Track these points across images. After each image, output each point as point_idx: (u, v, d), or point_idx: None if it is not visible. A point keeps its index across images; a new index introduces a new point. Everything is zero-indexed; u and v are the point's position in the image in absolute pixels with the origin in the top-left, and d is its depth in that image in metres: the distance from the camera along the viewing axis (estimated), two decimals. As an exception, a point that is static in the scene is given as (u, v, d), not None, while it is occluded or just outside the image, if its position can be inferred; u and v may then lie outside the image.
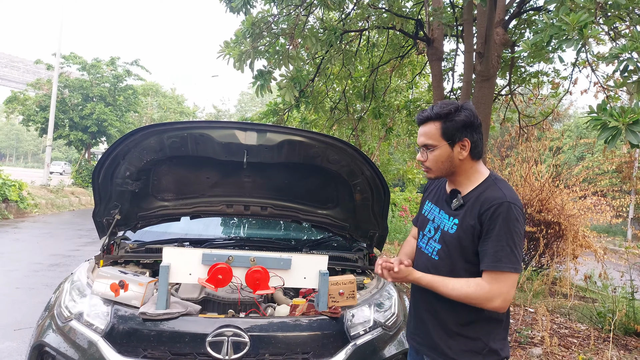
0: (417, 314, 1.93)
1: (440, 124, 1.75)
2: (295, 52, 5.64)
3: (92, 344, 2.24)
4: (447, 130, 1.74)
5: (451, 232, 1.77)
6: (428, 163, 1.81)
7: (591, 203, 7.60)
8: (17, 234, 10.47)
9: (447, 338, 1.78)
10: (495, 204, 1.67)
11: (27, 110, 22.51)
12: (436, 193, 1.96)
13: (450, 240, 1.77)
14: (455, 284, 1.70)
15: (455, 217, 1.78)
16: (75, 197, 18.87)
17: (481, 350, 1.74)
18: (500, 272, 1.64)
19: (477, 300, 1.66)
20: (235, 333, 2.25)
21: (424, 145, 1.81)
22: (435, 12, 5.48)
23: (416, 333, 1.93)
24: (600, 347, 4.63)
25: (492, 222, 1.66)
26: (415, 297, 1.96)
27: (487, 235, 1.67)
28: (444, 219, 1.83)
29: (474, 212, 1.72)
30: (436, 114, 1.76)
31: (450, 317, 1.78)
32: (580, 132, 24.09)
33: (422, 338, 1.89)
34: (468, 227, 1.72)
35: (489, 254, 1.65)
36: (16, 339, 4.20)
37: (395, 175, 14.01)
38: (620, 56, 2.75)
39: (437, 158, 1.78)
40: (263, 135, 2.84)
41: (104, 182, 2.97)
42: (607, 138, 2.47)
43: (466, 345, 1.75)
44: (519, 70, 7.64)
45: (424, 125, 1.80)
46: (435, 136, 1.76)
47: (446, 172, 1.81)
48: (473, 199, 1.75)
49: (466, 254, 1.73)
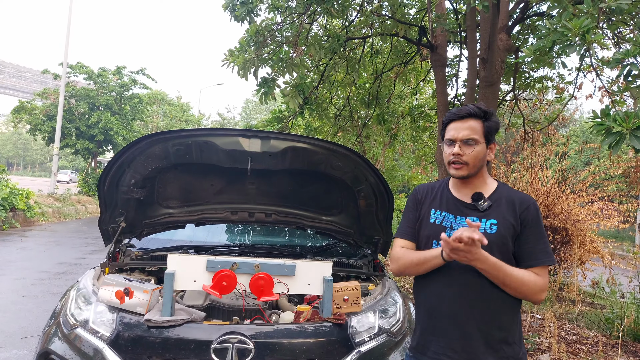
0: (447, 330, 1.75)
1: (482, 122, 1.78)
2: (299, 60, 5.67)
3: (97, 352, 2.24)
4: (489, 130, 1.79)
5: (491, 232, 1.73)
6: (466, 158, 1.76)
7: (598, 208, 7.54)
8: (24, 243, 10.53)
9: (488, 348, 1.69)
10: (532, 203, 1.75)
11: (35, 120, 22.71)
12: (441, 201, 1.87)
13: (492, 239, 1.68)
14: (519, 271, 1.70)
15: (489, 217, 1.75)
16: (82, 205, 18.98)
17: (517, 354, 1.74)
18: (546, 266, 1.72)
19: (532, 291, 1.69)
20: (239, 340, 2.25)
21: (467, 140, 1.76)
22: (439, 18, 5.49)
23: (442, 352, 1.74)
24: (609, 354, 4.58)
25: (533, 220, 1.73)
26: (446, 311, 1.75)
27: (529, 232, 1.72)
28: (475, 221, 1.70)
29: (511, 212, 1.74)
30: (482, 111, 1.78)
31: (493, 325, 1.70)
32: (586, 137, 23.96)
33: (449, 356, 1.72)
34: (509, 226, 1.73)
35: (539, 250, 1.71)
36: (23, 347, 4.22)
37: (400, 182, 13.98)
38: (623, 61, 2.75)
39: (478, 154, 1.77)
40: (267, 142, 2.85)
41: (110, 190, 2.99)
42: (611, 143, 2.46)
43: (506, 353, 1.71)
44: (523, 75, 7.63)
45: (466, 121, 1.78)
46: (480, 132, 1.78)
47: (476, 171, 1.79)
48: (503, 199, 1.78)
49: (505, 252, 1.72)
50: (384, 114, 8.26)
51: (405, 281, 7.69)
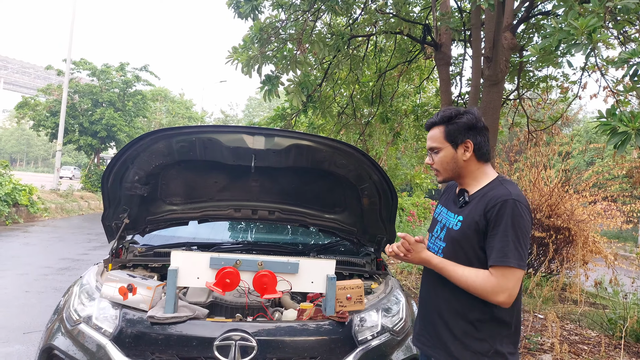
0: (424, 315, 1.95)
1: (444, 127, 1.87)
2: (302, 57, 5.66)
3: (100, 347, 2.25)
4: (450, 133, 1.85)
5: (455, 229, 1.84)
6: (435, 165, 1.92)
7: (601, 208, 7.52)
8: (27, 238, 10.56)
9: (453, 338, 1.80)
10: (501, 200, 1.73)
11: (38, 116, 22.77)
12: (447, 198, 2.04)
13: (455, 236, 1.83)
14: (465, 270, 1.75)
15: (459, 214, 1.86)
16: (85, 201, 19.02)
17: (487, 352, 1.75)
18: (507, 267, 1.68)
19: (484, 291, 1.70)
20: (242, 337, 2.25)
21: (430, 149, 1.93)
22: (443, 16, 5.48)
23: (421, 334, 1.95)
24: (611, 354, 4.57)
25: (498, 219, 1.71)
26: (423, 298, 1.99)
27: (493, 231, 1.73)
28: (450, 217, 1.90)
29: (479, 209, 1.78)
30: (440, 118, 1.89)
31: (457, 316, 1.80)
32: (590, 136, 23.90)
33: (427, 339, 1.91)
34: (472, 223, 1.78)
35: (496, 249, 1.70)
36: (26, 342, 4.23)
37: (402, 180, 13.97)
38: (629, 60, 2.73)
39: (442, 159, 1.88)
40: (271, 139, 2.84)
41: (113, 187, 2.99)
42: (617, 143, 2.45)
43: (472, 347, 1.77)
44: (527, 74, 7.60)
45: (431, 131, 1.93)
46: (440, 139, 1.88)
47: (453, 174, 1.90)
48: (479, 197, 1.82)
49: (469, 250, 1.78)
50: (387, 112, 8.24)
51: (407, 280, 7.69)
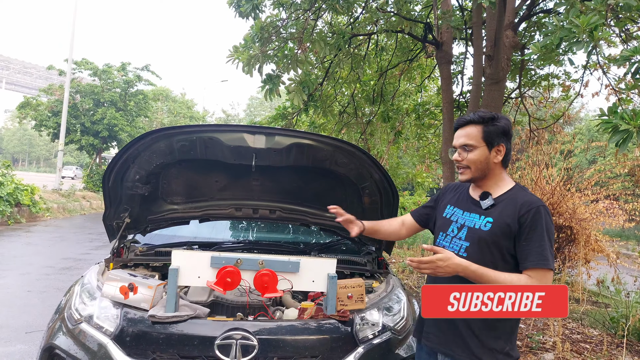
0: None
1: (482, 127, 1.90)
2: (303, 56, 5.65)
3: (101, 347, 2.25)
4: (489, 133, 1.88)
5: (484, 229, 1.85)
6: (466, 162, 1.92)
7: (603, 207, 7.49)
8: (29, 238, 10.58)
9: (472, 335, 1.81)
10: (534, 206, 1.79)
11: (40, 116, 22.78)
12: (458, 199, 2.06)
13: (483, 236, 1.84)
14: (506, 276, 1.75)
15: (487, 215, 1.88)
16: (87, 201, 19.05)
17: (502, 349, 1.80)
18: (546, 269, 1.73)
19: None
20: (243, 336, 2.25)
21: (463, 146, 1.92)
22: (444, 15, 5.47)
23: (431, 331, 1.94)
24: (614, 353, 4.56)
25: (533, 223, 1.77)
26: None
27: (528, 235, 1.77)
28: (474, 218, 1.91)
29: (511, 213, 1.81)
30: (479, 117, 1.91)
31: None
32: (592, 135, 23.84)
33: (438, 336, 1.90)
34: (504, 226, 1.81)
35: (535, 252, 1.74)
36: (28, 341, 4.24)
37: (404, 179, 13.93)
38: (631, 58, 2.72)
39: (476, 158, 1.90)
40: (271, 138, 2.84)
41: (114, 186, 2.99)
42: (618, 141, 2.45)
43: (489, 344, 1.79)
44: (529, 72, 7.58)
45: (465, 128, 1.94)
46: (477, 137, 1.90)
47: (480, 174, 1.92)
48: (506, 201, 1.86)
49: (495, 251, 1.82)
50: (389, 111, 8.23)
51: (409, 279, 7.68)
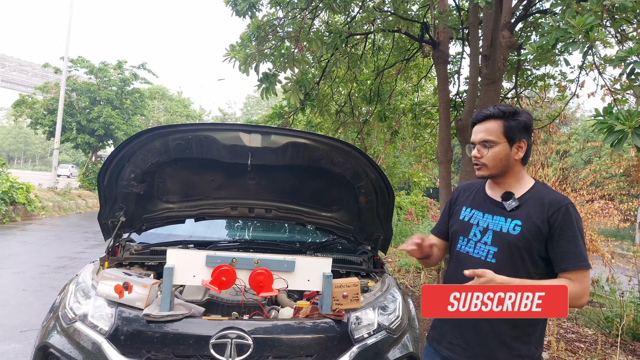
0: (458, 323, 1.81)
1: (502, 122, 1.79)
2: (300, 55, 5.64)
3: (96, 346, 2.25)
4: (510, 129, 1.78)
5: (513, 233, 1.75)
6: (485, 159, 1.81)
7: (599, 207, 7.52)
8: (24, 237, 10.54)
9: (501, 345, 1.72)
10: (563, 205, 1.70)
11: (35, 114, 22.70)
12: (474, 199, 1.94)
13: (513, 240, 1.74)
14: (547, 283, 1.65)
15: (514, 218, 1.77)
16: (82, 199, 18.99)
17: (532, 354, 1.73)
18: (586, 270, 1.66)
19: (570, 300, 1.60)
20: (238, 335, 2.25)
21: (483, 142, 1.81)
22: (441, 15, 5.47)
23: (457, 343, 1.82)
24: (608, 352, 4.58)
25: (564, 223, 1.68)
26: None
27: (562, 235, 1.68)
28: (499, 221, 1.80)
29: (538, 214, 1.72)
30: (500, 111, 1.79)
31: (506, 323, 1.71)
32: (588, 135, 23.93)
33: (463, 348, 1.80)
34: (534, 228, 1.71)
35: (573, 253, 1.66)
36: (22, 340, 4.22)
37: (400, 179, 13.94)
38: (626, 59, 2.73)
39: (496, 155, 1.79)
40: (267, 137, 2.84)
41: (109, 185, 2.98)
42: (614, 141, 2.45)
43: (519, 350, 1.72)
44: (525, 73, 7.60)
45: (484, 123, 1.83)
46: (497, 133, 1.79)
47: (499, 171, 1.81)
48: (531, 200, 1.76)
49: (525, 255, 1.72)
50: (385, 111, 8.24)
51: (404, 278, 7.69)
